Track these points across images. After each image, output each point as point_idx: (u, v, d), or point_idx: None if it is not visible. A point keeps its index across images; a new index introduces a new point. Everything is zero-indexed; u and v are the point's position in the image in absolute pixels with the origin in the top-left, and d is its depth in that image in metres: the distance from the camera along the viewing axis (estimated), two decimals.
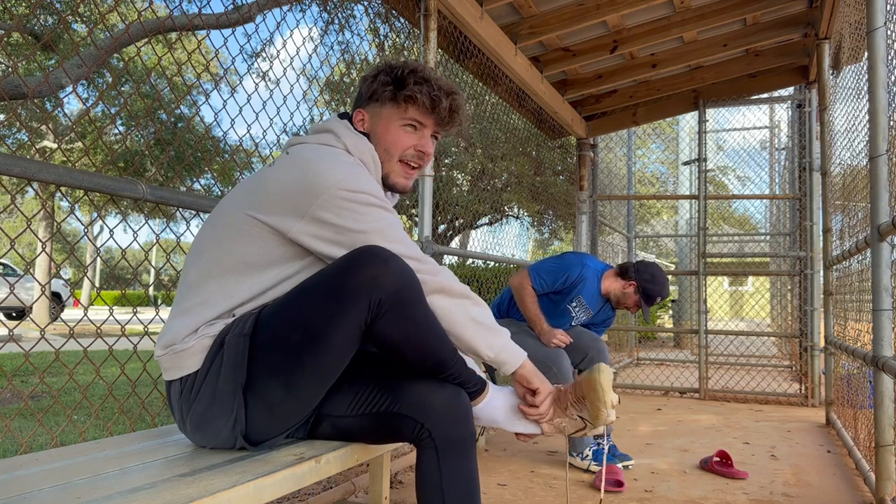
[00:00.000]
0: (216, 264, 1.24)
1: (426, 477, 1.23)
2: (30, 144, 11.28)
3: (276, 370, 1.19)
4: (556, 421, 1.39)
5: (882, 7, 2.30)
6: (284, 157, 1.28)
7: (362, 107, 1.41)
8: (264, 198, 1.22)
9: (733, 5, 3.87)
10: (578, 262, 2.80)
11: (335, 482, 2.44)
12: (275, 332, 1.18)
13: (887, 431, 2.23)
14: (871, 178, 2.27)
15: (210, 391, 1.20)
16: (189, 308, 1.24)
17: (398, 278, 1.17)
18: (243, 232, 1.23)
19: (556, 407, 1.39)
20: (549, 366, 2.60)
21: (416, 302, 1.20)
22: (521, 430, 1.39)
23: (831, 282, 3.76)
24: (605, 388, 1.35)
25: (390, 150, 1.37)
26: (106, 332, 6.85)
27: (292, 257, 1.25)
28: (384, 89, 1.36)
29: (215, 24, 3.78)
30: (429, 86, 1.35)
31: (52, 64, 10.26)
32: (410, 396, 1.23)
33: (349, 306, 1.15)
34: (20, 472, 1.07)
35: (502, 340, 1.32)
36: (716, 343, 9.41)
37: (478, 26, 3.21)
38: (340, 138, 1.34)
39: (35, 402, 4.32)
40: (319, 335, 1.16)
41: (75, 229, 37.27)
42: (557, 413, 1.39)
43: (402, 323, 1.19)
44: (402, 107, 1.36)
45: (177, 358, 1.22)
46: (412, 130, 1.38)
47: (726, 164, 14.14)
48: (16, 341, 1.33)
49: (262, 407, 1.20)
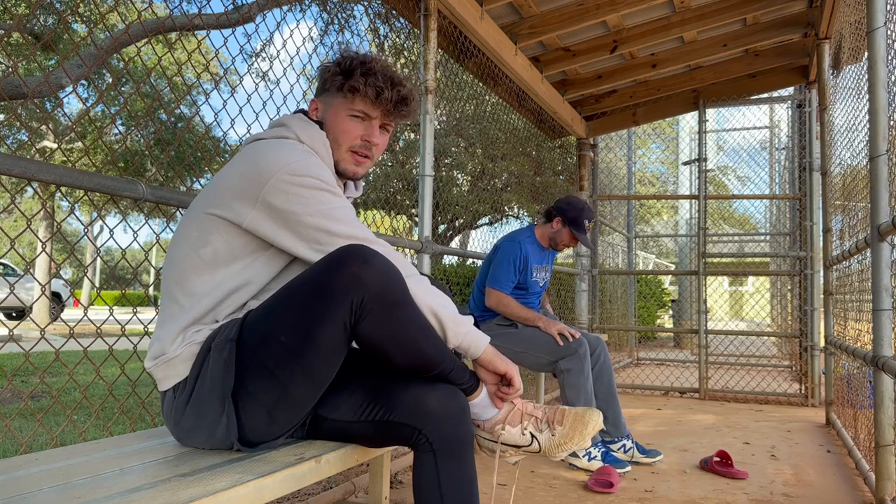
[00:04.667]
0: (185, 268, 1.25)
1: (424, 479, 1.23)
2: (30, 144, 11.28)
3: (266, 373, 1.18)
4: (499, 428, 1.36)
5: (882, 7, 2.30)
6: (239, 154, 1.31)
7: (317, 96, 1.45)
8: (219, 192, 1.25)
9: (733, 5, 3.87)
10: (512, 242, 2.96)
11: (335, 482, 2.44)
12: (260, 335, 1.18)
13: (887, 431, 2.23)
14: (871, 178, 2.27)
15: (199, 397, 1.20)
16: (169, 316, 1.25)
17: (380, 277, 1.15)
18: (204, 230, 1.25)
19: (513, 418, 1.37)
20: (574, 348, 2.76)
21: (400, 301, 1.19)
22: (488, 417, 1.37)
23: (831, 282, 3.76)
24: (594, 430, 1.36)
25: (339, 139, 1.40)
26: (106, 332, 6.80)
27: (255, 248, 1.26)
28: (334, 80, 1.39)
29: (215, 24, 3.78)
30: (374, 77, 1.37)
31: (52, 64, 10.26)
32: (405, 402, 1.22)
33: (332, 307, 1.14)
34: (20, 472, 1.07)
35: (465, 327, 1.31)
36: (716, 343, 9.41)
37: (478, 26, 3.21)
38: (292, 129, 1.36)
39: (35, 402, 4.32)
40: (304, 337, 1.16)
41: (75, 229, 37.28)
42: (511, 421, 1.37)
43: (386, 323, 1.18)
44: (349, 98, 1.39)
45: (167, 367, 1.23)
46: (360, 121, 1.41)
47: (726, 164, 14.14)
48: (16, 341, 1.33)
49: (257, 411, 1.20)
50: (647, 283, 10.37)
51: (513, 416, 1.38)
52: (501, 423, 1.37)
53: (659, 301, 10.81)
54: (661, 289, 11.22)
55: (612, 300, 7.05)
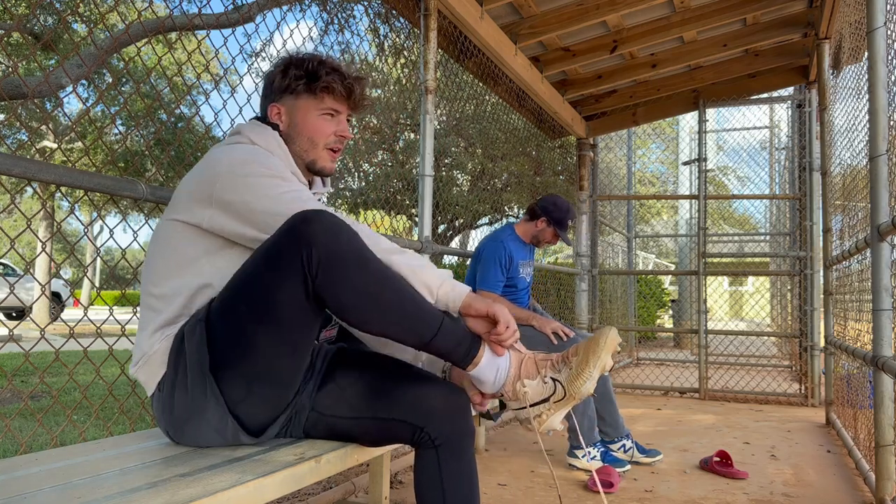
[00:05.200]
0: (155, 273, 1.28)
1: (426, 476, 1.23)
2: (30, 144, 11.28)
3: (237, 346, 1.19)
4: (519, 385, 1.27)
5: (882, 7, 2.30)
6: (198, 162, 1.35)
7: (276, 101, 1.45)
8: (180, 199, 1.28)
9: (733, 5, 3.87)
10: (495, 242, 3.01)
11: (335, 482, 2.44)
12: (226, 310, 1.20)
13: (887, 431, 2.23)
14: (871, 178, 2.27)
15: (182, 381, 1.21)
16: (145, 321, 1.28)
17: (326, 232, 1.13)
18: (169, 236, 1.28)
19: (528, 370, 1.30)
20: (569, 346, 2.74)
21: (358, 258, 1.15)
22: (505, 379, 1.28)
23: (831, 282, 3.76)
24: (608, 345, 1.26)
25: (314, 138, 1.42)
26: (106, 332, 6.86)
27: (220, 247, 1.27)
28: (297, 83, 1.41)
29: (215, 24, 3.78)
30: (340, 75, 1.42)
31: (52, 64, 10.26)
32: (407, 400, 1.23)
33: (283, 268, 1.14)
34: (20, 472, 1.07)
35: (440, 280, 1.26)
36: (716, 343, 9.40)
37: (478, 26, 3.21)
38: (245, 134, 1.38)
39: (35, 402, 4.32)
40: (265, 304, 1.16)
41: (75, 229, 37.28)
42: (528, 374, 1.28)
43: (345, 281, 1.13)
44: (319, 97, 1.42)
45: (147, 367, 1.25)
46: (330, 118, 1.44)
47: (726, 164, 14.13)
48: (16, 341, 1.33)
49: (238, 385, 1.20)
50: (647, 283, 10.37)
51: (527, 366, 1.29)
52: (519, 379, 1.28)
53: (659, 301, 10.82)
54: (661, 289, 11.22)
55: (612, 300, 7.05)
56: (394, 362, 1.35)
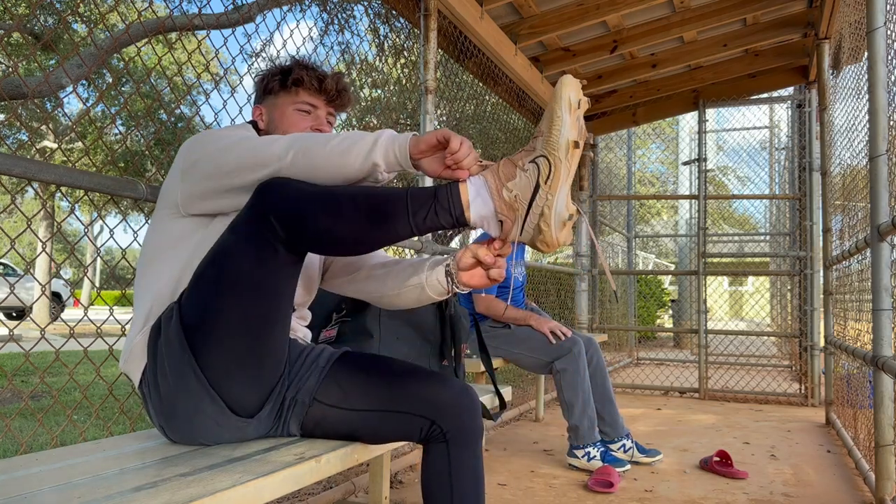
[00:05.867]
0: (141, 269, 1.31)
1: (434, 469, 1.23)
2: (30, 144, 11.29)
3: (211, 318, 1.17)
4: (506, 192, 1.13)
5: (882, 7, 2.31)
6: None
7: (259, 103, 1.49)
8: (161, 193, 1.33)
9: (733, 5, 3.87)
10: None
11: (335, 482, 2.44)
12: (197, 283, 1.19)
13: (887, 431, 2.24)
14: (871, 178, 2.27)
15: (163, 362, 1.20)
16: (133, 317, 1.29)
17: (278, 184, 1.13)
18: (155, 227, 1.31)
19: (507, 173, 1.14)
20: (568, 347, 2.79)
21: (314, 197, 1.12)
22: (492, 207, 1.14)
23: (831, 282, 3.76)
24: (565, 84, 1.11)
25: (289, 133, 1.43)
26: (106, 331, 6.81)
27: (195, 228, 1.28)
28: (273, 81, 1.45)
29: (215, 24, 3.78)
30: (313, 69, 1.44)
31: (52, 64, 10.27)
32: (419, 395, 1.22)
33: (245, 225, 1.15)
34: (20, 472, 1.07)
35: (372, 143, 1.14)
36: (716, 343, 9.41)
37: (478, 26, 3.21)
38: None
39: (35, 402, 4.32)
40: (237, 270, 1.15)
41: (75, 229, 37.29)
42: (508, 177, 1.14)
43: (310, 221, 1.11)
44: (293, 91, 1.44)
45: (131, 358, 1.25)
46: (306, 114, 1.45)
47: (726, 164, 14.14)
48: (16, 341, 1.33)
49: (220, 364, 1.17)
50: (646, 283, 10.37)
51: (504, 169, 1.15)
52: (503, 186, 1.13)
53: (659, 301, 10.82)
54: (661, 289, 11.22)
55: (612, 300, 7.05)
56: (404, 362, 1.34)
